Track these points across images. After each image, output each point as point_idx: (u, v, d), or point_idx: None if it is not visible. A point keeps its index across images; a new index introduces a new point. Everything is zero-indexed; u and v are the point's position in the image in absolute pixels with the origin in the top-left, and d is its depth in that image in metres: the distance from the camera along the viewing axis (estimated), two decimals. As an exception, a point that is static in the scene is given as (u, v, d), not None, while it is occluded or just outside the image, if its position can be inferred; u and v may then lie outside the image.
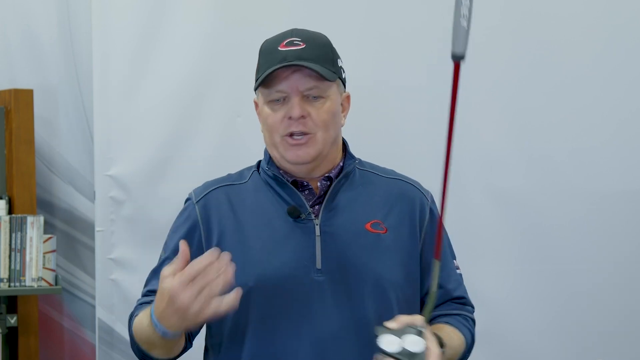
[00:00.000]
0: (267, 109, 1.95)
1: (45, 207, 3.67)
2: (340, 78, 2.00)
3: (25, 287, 3.40)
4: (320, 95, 1.94)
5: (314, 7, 3.46)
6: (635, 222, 3.52)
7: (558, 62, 3.51)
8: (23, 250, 3.41)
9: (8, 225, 3.40)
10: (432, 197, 2.04)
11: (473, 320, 2.06)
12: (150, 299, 1.92)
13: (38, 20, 3.69)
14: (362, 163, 2.07)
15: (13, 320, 3.46)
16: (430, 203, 2.03)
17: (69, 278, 3.71)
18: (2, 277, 3.38)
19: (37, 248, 3.41)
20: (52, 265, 3.44)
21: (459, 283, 2.06)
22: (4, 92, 3.56)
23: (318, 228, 1.92)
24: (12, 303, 3.51)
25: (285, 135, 1.93)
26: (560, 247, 3.51)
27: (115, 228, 3.50)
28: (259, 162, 2.05)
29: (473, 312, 2.07)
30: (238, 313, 1.86)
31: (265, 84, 1.94)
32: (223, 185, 2.02)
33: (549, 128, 3.52)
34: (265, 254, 1.91)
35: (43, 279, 3.41)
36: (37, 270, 3.41)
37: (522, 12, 3.52)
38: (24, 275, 3.40)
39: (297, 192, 1.96)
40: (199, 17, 3.51)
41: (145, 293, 2.01)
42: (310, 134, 1.93)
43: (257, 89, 1.99)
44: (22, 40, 3.69)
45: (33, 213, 3.48)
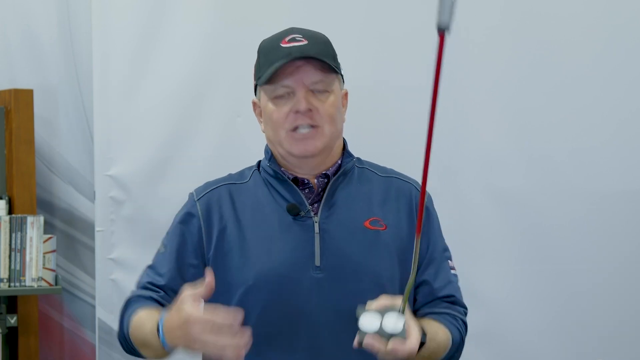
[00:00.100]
0: (271, 106, 1.96)
1: (45, 207, 3.67)
2: (341, 74, 2.01)
3: (25, 287, 3.40)
4: (325, 89, 1.95)
5: (314, 7, 3.46)
6: (635, 222, 3.52)
7: (558, 62, 3.51)
8: (23, 250, 3.41)
9: (8, 225, 3.40)
10: (430, 197, 2.04)
11: (464, 322, 2.02)
12: (149, 294, 1.97)
13: (38, 20, 3.69)
14: (360, 161, 2.07)
15: (13, 320, 3.46)
16: (428, 202, 2.03)
17: (69, 278, 3.71)
18: (2, 277, 3.38)
19: (37, 248, 3.41)
20: (52, 265, 3.44)
21: (449, 282, 2.02)
22: (4, 92, 3.55)
23: (317, 225, 1.93)
24: (12, 303, 3.51)
25: (291, 130, 1.93)
26: (560, 247, 3.51)
27: (115, 228, 3.49)
28: (259, 162, 2.05)
29: (465, 313, 2.04)
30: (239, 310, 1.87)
31: (270, 81, 1.94)
32: (224, 184, 2.03)
33: (549, 128, 3.52)
34: (265, 252, 1.92)
35: (43, 279, 3.41)
36: (37, 270, 3.40)
37: (522, 12, 3.52)
38: (24, 275, 3.40)
39: (297, 189, 1.97)
40: (199, 17, 3.51)
41: (144, 285, 2.01)
42: (318, 127, 1.93)
43: (259, 87, 1.99)
44: (22, 40, 3.68)
45: (33, 213, 3.48)
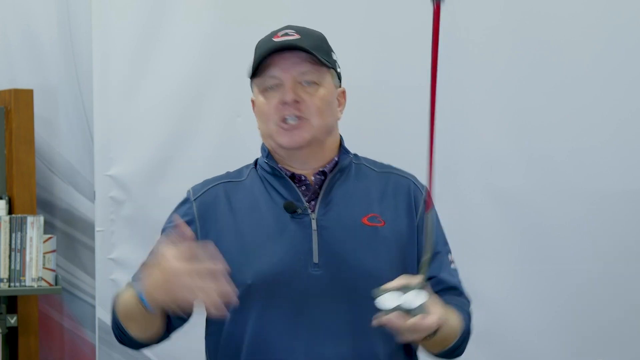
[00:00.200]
0: (261, 99, 1.97)
1: (45, 207, 3.67)
2: (336, 71, 2.01)
3: (25, 287, 3.40)
4: (314, 81, 1.95)
5: (314, 7, 3.46)
6: (635, 222, 3.51)
7: (558, 62, 3.51)
8: (23, 250, 3.41)
9: (8, 225, 3.40)
10: (427, 191, 2.03)
11: (469, 313, 2.01)
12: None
13: (38, 20, 3.69)
14: (357, 158, 2.07)
15: (13, 320, 3.46)
16: (426, 197, 2.02)
17: (69, 278, 3.71)
18: (2, 277, 3.38)
19: (37, 248, 3.41)
20: (52, 265, 3.44)
21: (452, 275, 2.03)
22: (4, 92, 3.55)
23: (314, 222, 1.92)
24: (12, 303, 3.51)
25: (279, 121, 1.93)
26: (560, 247, 3.50)
27: (115, 228, 3.49)
28: (257, 160, 2.05)
29: (469, 305, 2.04)
30: (237, 310, 1.86)
31: (259, 72, 1.96)
32: (221, 183, 2.03)
33: (549, 128, 3.51)
34: (263, 251, 1.91)
35: (43, 279, 3.41)
36: (37, 270, 3.41)
37: (522, 12, 3.52)
38: (24, 275, 3.40)
39: (294, 186, 1.97)
40: (199, 17, 3.51)
41: (137, 278, 2.00)
42: (304, 119, 1.93)
43: (251, 81, 2.00)
44: (22, 40, 3.69)
45: (33, 213, 3.48)
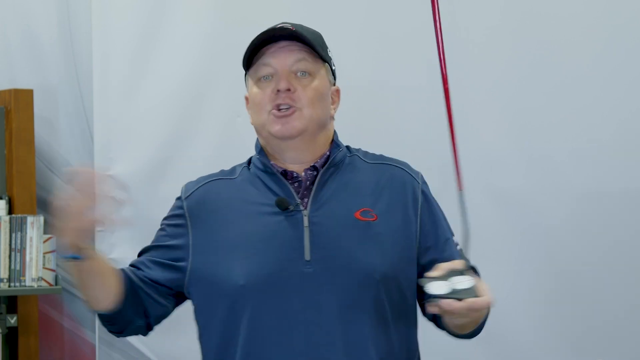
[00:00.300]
0: (255, 89, 1.97)
1: (45, 207, 3.67)
2: (331, 67, 2.01)
3: (25, 287, 3.40)
4: (308, 71, 1.95)
5: (314, 7, 3.46)
6: (636, 222, 3.52)
7: (558, 62, 3.51)
8: (23, 250, 3.41)
9: (8, 225, 3.40)
10: (422, 177, 2.02)
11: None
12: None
13: (38, 20, 3.69)
14: (350, 150, 2.05)
15: (13, 320, 3.46)
16: (422, 184, 2.01)
17: (69, 278, 3.71)
18: (2, 277, 3.38)
19: (37, 248, 3.41)
20: (52, 265, 3.44)
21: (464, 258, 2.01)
22: (4, 92, 3.55)
23: (306, 219, 1.91)
24: (12, 303, 3.51)
25: (272, 109, 1.93)
26: (560, 247, 3.51)
27: (115, 228, 3.49)
28: (250, 158, 2.05)
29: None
30: (231, 311, 1.87)
31: (252, 61, 1.96)
32: (214, 180, 2.02)
33: (549, 128, 3.51)
34: (254, 250, 1.90)
35: (43, 279, 3.41)
36: (37, 270, 3.40)
37: (522, 12, 3.52)
38: (24, 275, 3.40)
39: (286, 182, 1.95)
40: (199, 17, 3.52)
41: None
42: (297, 108, 1.93)
43: (246, 75, 2.00)
44: (22, 40, 3.69)
45: (33, 213, 3.48)
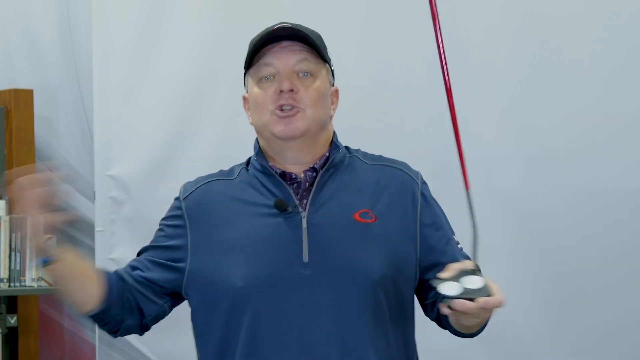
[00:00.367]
0: (256, 89, 1.95)
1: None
2: (330, 68, 2.00)
3: (25, 287, 3.40)
4: (310, 73, 1.94)
5: (314, 7, 3.46)
6: (636, 222, 3.51)
7: (558, 62, 3.50)
8: (23, 250, 3.41)
9: (8, 225, 3.40)
10: (421, 177, 2.01)
11: None
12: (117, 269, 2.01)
13: (38, 20, 3.69)
14: (350, 151, 2.04)
15: (13, 320, 3.46)
16: (421, 185, 2.00)
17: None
18: (2, 277, 3.38)
19: (37, 248, 3.41)
20: (52, 265, 3.43)
21: (466, 257, 2.00)
22: (4, 92, 3.56)
23: (305, 221, 1.90)
24: (12, 303, 3.51)
25: (275, 110, 1.92)
26: (560, 247, 3.50)
27: (115, 228, 3.50)
28: (249, 159, 2.04)
29: None
30: (229, 313, 1.87)
31: (254, 61, 1.95)
32: (212, 181, 2.01)
33: (549, 128, 3.51)
34: (252, 252, 1.89)
35: (43, 279, 3.41)
36: (37, 270, 3.40)
37: (522, 12, 3.51)
38: (24, 275, 3.40)
39: (284, 184, 1.94)
40: (199, 17, 3.51)
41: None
42: (299, 109, 1.92)
43: (245, 75, 1.99)
44: (22, 40, 3.69)
45: (33, 213, 3.47)
